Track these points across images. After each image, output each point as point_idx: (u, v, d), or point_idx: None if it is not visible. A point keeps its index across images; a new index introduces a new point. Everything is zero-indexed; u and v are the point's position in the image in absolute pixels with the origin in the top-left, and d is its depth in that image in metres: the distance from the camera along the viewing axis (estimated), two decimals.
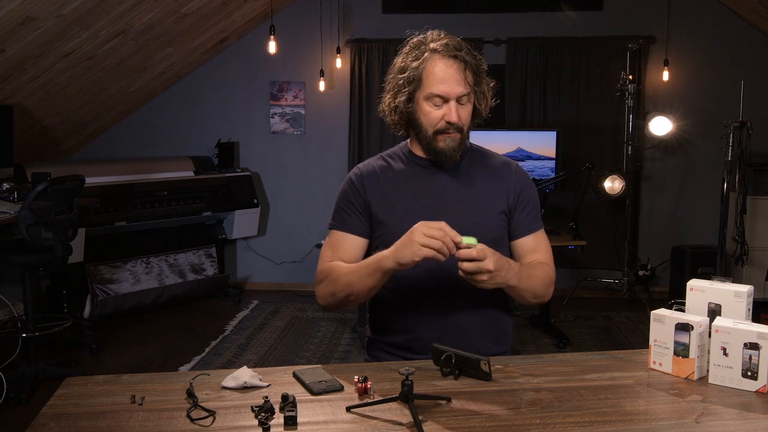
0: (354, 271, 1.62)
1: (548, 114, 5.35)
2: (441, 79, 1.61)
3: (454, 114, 1.62)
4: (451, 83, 1.61)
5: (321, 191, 5.64)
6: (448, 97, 1.62)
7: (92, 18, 3.69)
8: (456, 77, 1.61)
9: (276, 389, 1.39)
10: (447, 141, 1.66)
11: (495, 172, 1.76)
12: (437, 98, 1.63)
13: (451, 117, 1.62)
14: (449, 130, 1.64)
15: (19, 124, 4.29)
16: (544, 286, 1.71)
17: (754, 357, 1.36)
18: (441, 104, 1.63)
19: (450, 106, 1.62)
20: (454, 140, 1.66)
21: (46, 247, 3.51)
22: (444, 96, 1.62)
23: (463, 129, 1.66)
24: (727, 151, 4.09)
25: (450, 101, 1.62)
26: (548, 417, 1.26)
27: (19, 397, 3.30)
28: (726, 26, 5.21)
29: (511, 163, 1.81)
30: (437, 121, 1.64)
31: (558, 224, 4.62)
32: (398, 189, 1.73)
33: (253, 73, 5.58)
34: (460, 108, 1.64)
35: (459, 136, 1.66)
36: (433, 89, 1.62)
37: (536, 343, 4.33)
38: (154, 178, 4.96)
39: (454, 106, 1.62)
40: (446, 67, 1.61)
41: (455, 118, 1.62)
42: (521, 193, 1.75)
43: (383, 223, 1.71)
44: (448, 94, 1.62)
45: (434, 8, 5.36)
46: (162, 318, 4.85)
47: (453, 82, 1.61)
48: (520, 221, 1.75)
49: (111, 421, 1.26)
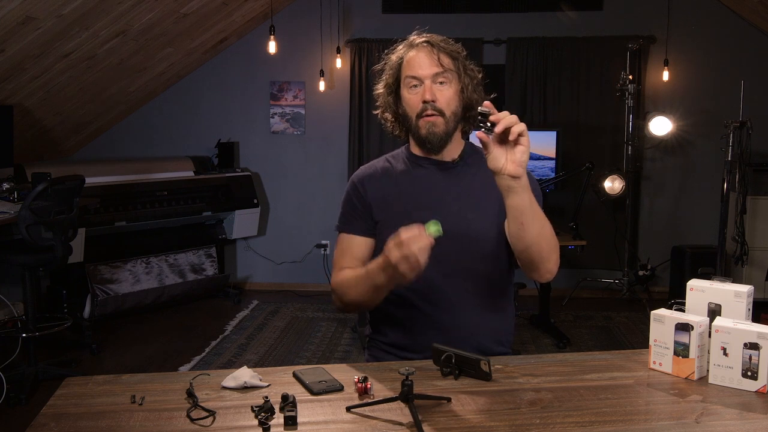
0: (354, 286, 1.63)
1: (548, 114, 5.35)
2: (414, 64, 1.66)
3: (427, 92, 1.64)
4: (422, 64, 1.65)
5: (321, 191, 5.64)
6: (422, 78, 1.65)
7: (92, 18, 3.69)
8: (427, 59, 1.65)
9: (276, 389, 1.39)
10: (428, 126, 1.66)
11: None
12: (413, 80, 1.67)
13: (426, 95, 1.64)
14: (428, 112, 1.65)
15: (19, 124, 4.29)
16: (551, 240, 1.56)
17: (754, 357, 1.36)
18: (418, 85, 1.67)
19: (426, 85, 1.65)
20: (435, 124, 1.66)
21: (46, 247, 3.51)
22: (418, 77, 1.66)
23: (445, 113, 1.66)
24: (727, 151, 4.09)
25: (425, 81, 1.65)
26: (548, 417, 1.26)
27: (19, 397, 3.30)
28: (726, 26, 5.21)
29: None
30: (416, 104, 1.67)
31: (558, 224, 4.59)
32: (398, 189, 1.74)
33: (253, 73, 5.58)
34: (438, 88, 1.66)
35: (441, 120, 1.66)
36: (407, 73, 1.67)
37: (536, 343, 4.33)
38: (154, 178, 4.96)
39: (429, 86, 1.65)
40: (417, 52, 1.67)
41: (429, 95, 1.64)
42: None
43: (383, 224, 1.71)
44: (421, 75, 1.65)
45: (434, 8, 5.36)
46: (162, 318, 4.85)
47: (425, 63, 1.65)
48: None
49: (111, 421, 1.26)
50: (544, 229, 1.54)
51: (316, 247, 5.67)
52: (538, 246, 1.53)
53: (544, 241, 1.53)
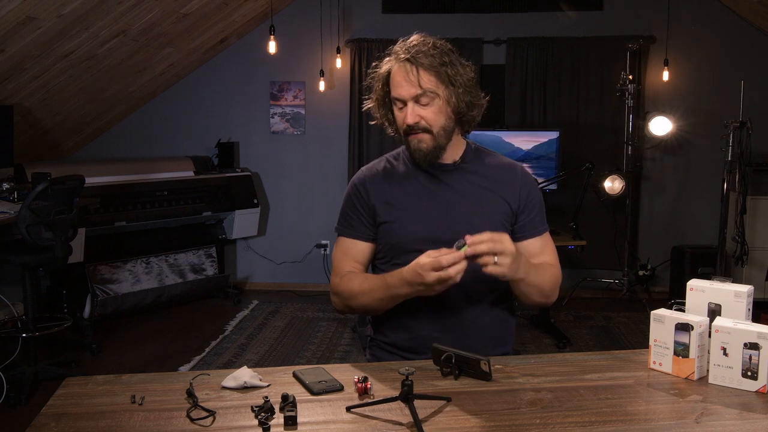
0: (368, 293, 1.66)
1: (548, 114, 5.35)
2: (396, 83, 1.64)
3: (409, 116, 1.63)
4: (403, 85, 1.63)
5: (321, 191, 5.64)
6: (403, 99, 1.64)
7: (92, 18, 3.69)
8: (407, 79, 1.62)
9: (276, 389, 1.39)
10: (414, 142, 1.67)
11: (499, 174, 1.76)
12: (397, 101, 1.66)
13: (407, 119, 1.64)
14: (415, 131, 1.65)
15: (19, 124, 4.29)
16: (551, 285, 1.71)
17: (754, 357, 1.36)
18: (402, 107, 1.66)
19: (408, 108, 1.64)
20: (423, 141, 1.66)
21: (46, 247, 3.51)
22: (400, 98, 1.64)
23: (431, 129, 1.65)
24: (727, 151, 4.09)
25: (408, 102, 1.64)
26: (548, 417, 1.26)
27: (19, 397, 3.30)
28: (726, 26, 5.21)
29: (516, 165, 1.81)
30: (401, 123, 1.67)
31: (558, 224, 4.61)
32: (400, 191, 1.73)
33: (253, 73, 5.58)
34: (421, 108, 1.64)
35: (428, 136, 1.66)
36: (393, 93, 1.66)
37: (536, 343, 4.34)
38: (154, 178, 4.96)
39: (411, 108, 1.63)
40: (398, 70, 1.64)
41: (410, 119, 1.64)
42: (528, 196, 1.75)
43: (386, 225, 1.71)
44: (402, 96, 1.64)
45: (434, 8, 5.35)
46: (162, 318, 4.85)
47: (405, 84, 1.62)
48: (526, 223, 1.75)
49: (111, 421, 1.26)
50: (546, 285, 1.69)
51: (316, 247, 5.67)
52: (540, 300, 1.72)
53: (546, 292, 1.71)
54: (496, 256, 1.47)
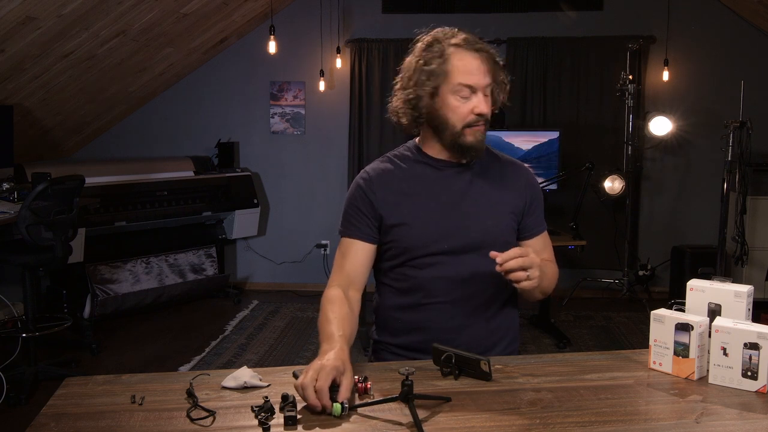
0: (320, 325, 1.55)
1: (548, 114, 5.35)
2: (469, 71, 1.60)
3: (484, 105, 1.63)
4: (479, 74, 1.61)
5: (321, 191, 5.64)
6: (477, 88, 1.61)
7: (92, 18, 3.69)
8: (482, 68, 1.61)
9: (276, 389, 1.38)
10: (476, 134, 1.65)
11: (506, 173, 1.76)
12: (465, 90, 1.61)
13: (481, 108, 1.62)
14: (478, 123, 1.64)
15: (19, 124, 4.29)
16: (552, 283, 1.74)
17: (754, 357, 1.36)
18: (469, 96, 1.62)
19: (479, 98, 1.62)
20: (482, 133, 1.66)
21: (46, 247, 3.51)
22: (474, 86, 1.61)
23: (488, 121, 1.67)
24: (727, 151, 4.09)
25: (478, 92, 1.62)
26: (548, 417, 1.26)
27: (19, 397, 3.30)
28: (726, 26, 5.21)
29: (521, 165, 1.81)
30: (466, 114, 1.63)
31: (558, 224, 4.61)
32: (411, 191, 1.69)
33: (253, 73, 5.58)
34: (485, 99, 1.64)
35: (485, 128, 1.67)
36: (462, 80, 1.60)
37: (536, 343, 4.34)
38: (154, 178, 4.96)
39: (482, 99, 1.63)
40: (472, 59, 1.61)
41: (485, 108, 1.63)
42: (533, 196, 1.76)
43: (397, 228, 1.67)
44: (477, 84, 1.61)
45: (434, 8, 5.36)
46: (162, 318, 4.85)
47: (480, 73, 1.61)
48: (530, 223, 1.75)
49: (111, 421, 1.26)
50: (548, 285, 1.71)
51: (316, 247, 5.67)
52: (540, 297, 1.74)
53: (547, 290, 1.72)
54: (527, 270, 1.47)
